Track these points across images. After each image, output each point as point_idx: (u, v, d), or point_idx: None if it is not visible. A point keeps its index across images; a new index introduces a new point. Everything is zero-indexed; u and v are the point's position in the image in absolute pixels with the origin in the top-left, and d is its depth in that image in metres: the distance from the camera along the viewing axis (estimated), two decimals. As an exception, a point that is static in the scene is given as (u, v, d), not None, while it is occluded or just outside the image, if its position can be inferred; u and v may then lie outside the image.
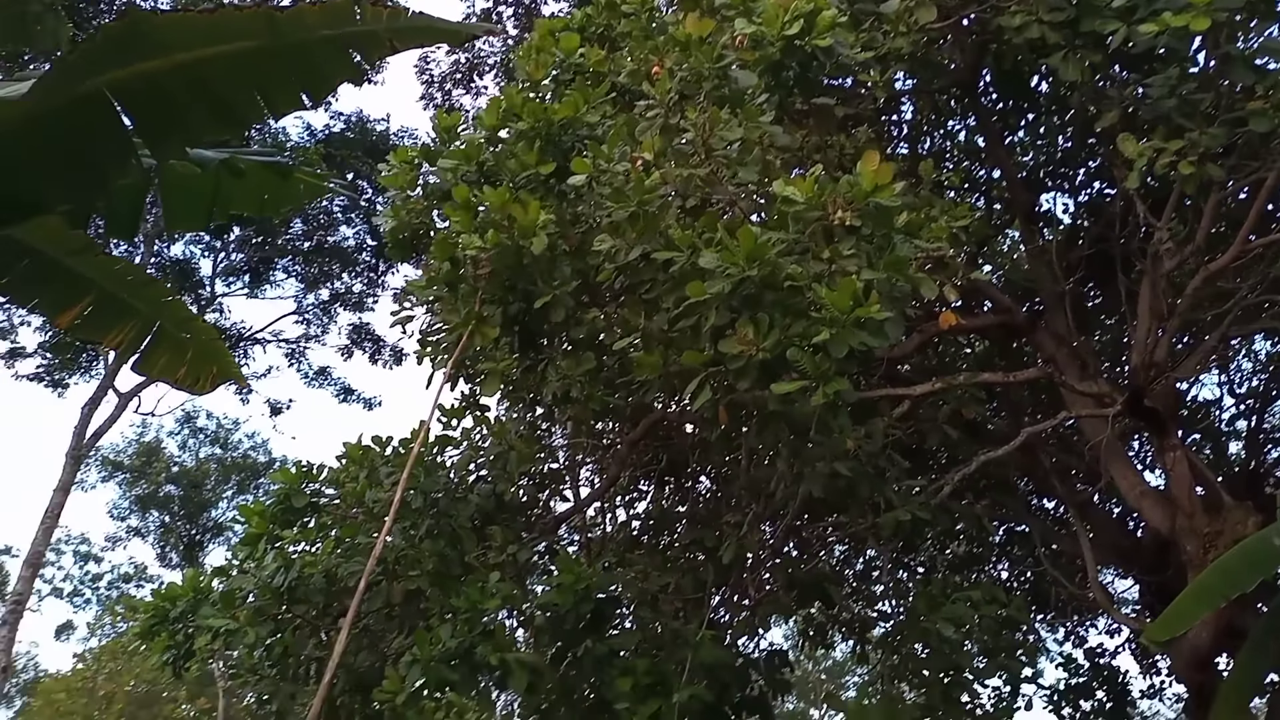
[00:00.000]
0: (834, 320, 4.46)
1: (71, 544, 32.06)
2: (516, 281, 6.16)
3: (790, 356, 4.65)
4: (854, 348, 4.50)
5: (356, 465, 7.44)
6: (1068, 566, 10.46)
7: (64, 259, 4.16)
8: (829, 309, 4.45)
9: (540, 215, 5.79)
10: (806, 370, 4.62)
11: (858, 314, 4.43)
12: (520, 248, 5.85)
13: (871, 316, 4.43)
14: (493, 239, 5.81)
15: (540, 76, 7.01)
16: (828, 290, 4.51)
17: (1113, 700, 12.87)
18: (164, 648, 7.30)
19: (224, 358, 5.34)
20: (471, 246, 5.90)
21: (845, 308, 4.42)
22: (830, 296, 4.45)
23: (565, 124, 6.39)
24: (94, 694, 26.03)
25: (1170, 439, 7.41)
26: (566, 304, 6.21)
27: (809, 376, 4.62)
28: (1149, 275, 7.38)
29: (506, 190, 6.01)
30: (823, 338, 4.51)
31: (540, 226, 5.77)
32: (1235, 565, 5.37)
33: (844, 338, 4.48)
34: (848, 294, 4.41)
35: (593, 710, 7.00)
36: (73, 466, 19.21)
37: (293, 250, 22.79)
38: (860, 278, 4.56)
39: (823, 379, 4.60)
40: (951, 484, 7.17)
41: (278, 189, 4.93)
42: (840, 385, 4.63)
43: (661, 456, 9.33)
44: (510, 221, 5.83)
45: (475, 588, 6.58)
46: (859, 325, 4.48)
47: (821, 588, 8.15)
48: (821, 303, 4.52)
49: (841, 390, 4.63)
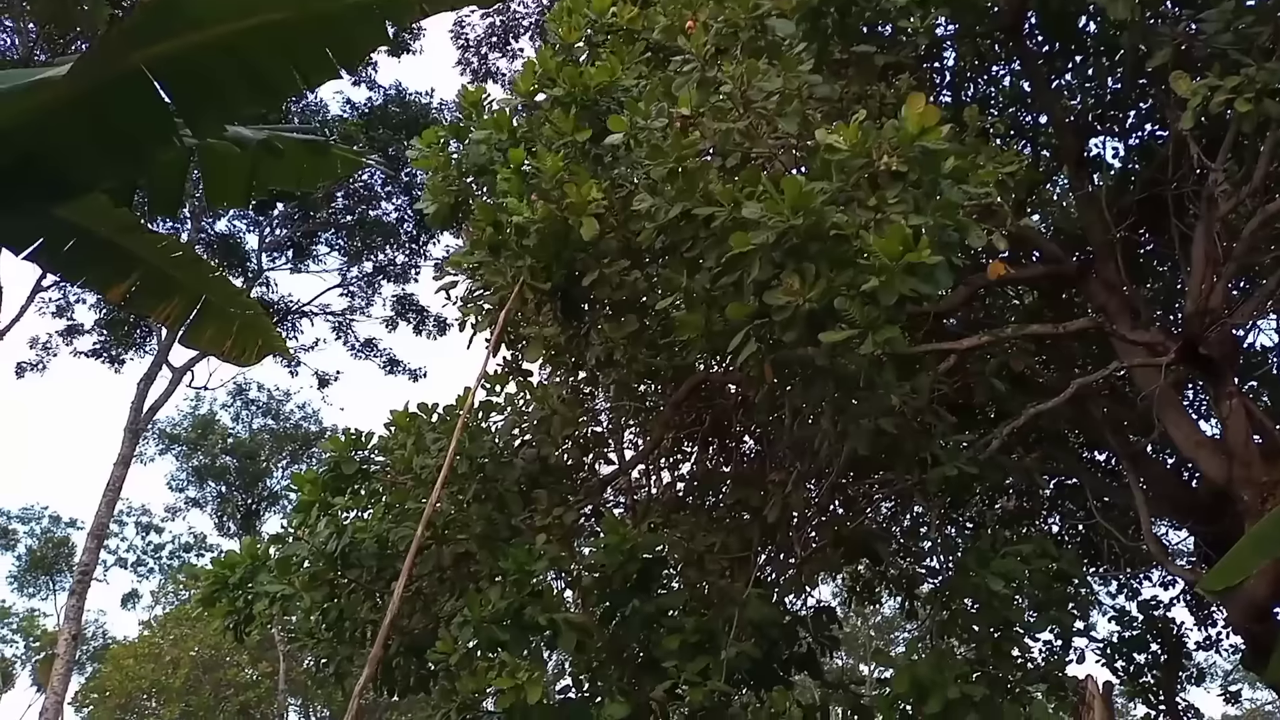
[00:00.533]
0: (883, 267, 4.33)
1: (133, 516, 33.18)
2: (562, 253, 6.13)
3: (838, 306, 4.54)
4: (904, 295, 4.37)
5: (404, 432, 7.53)
6: (1120, 519, 10.30)
7: (112, 236, 4.25)
8: (877, 256, 4.33)
9: (593, 193, 5.73)
10: (855, 319, 4.51)
11: (908, 259, 4.29)
12: (570, 223, 5.82)
13: (922, 262, 4.29)
14: (543, 211, 5.78)
15: (573, 39, 6.93)
16: (876, 237, 4.39)
17: (1167, 652, 12.73)
18: (225, 613, 7.51)
19: (268, 331, 5.44)
20: (520, 213, 5.87)
21: (894, 254, 4.28)
22: (879, 243, 4.32)
23: (601, 89, 6.32)
24: (160, 659, 26.92)
25: (1226, 387, 7.22)
26: (612, 281, 6.19)
27: (857, 326, 4.52)
28: (1203, 219, 7.15)
29: (560, 159, 5.96)
30: (871, 286, 4.39)
31: (591, 205, 5.73)
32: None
33: (893, 284, 4.35)
34: (897, 240, 4.28)
35: (641, 668, 7.08)
36: (131, 440, 19.75)
37: (336, 224, 23.01)
38: (908, 223, 4.44)
39: (872, 328, 4.49)
40: (1000, 438, 7.06)
41: (315, 165, 4.99)
42: (890, 333, 4.51)
43: (705, 417, 9.32)
44: (561, 194, 5.79)
45: (523, 550, 6.66)
46: (909, 271, 4.34)
47: (868, 545, 8.13)
48: (869, 250, 4.40)
49: (892, 338, 4.51)
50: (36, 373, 22.46)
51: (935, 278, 4.40)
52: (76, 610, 18.15)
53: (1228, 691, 18.26)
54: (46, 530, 35.00)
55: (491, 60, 18.42)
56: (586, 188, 5.71)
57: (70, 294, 22.09)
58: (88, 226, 4.13)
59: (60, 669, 17.44)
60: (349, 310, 24.73)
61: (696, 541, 7.82)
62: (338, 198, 22.07)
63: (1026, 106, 9.61)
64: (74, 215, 4.06)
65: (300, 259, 23.82)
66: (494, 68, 18.50)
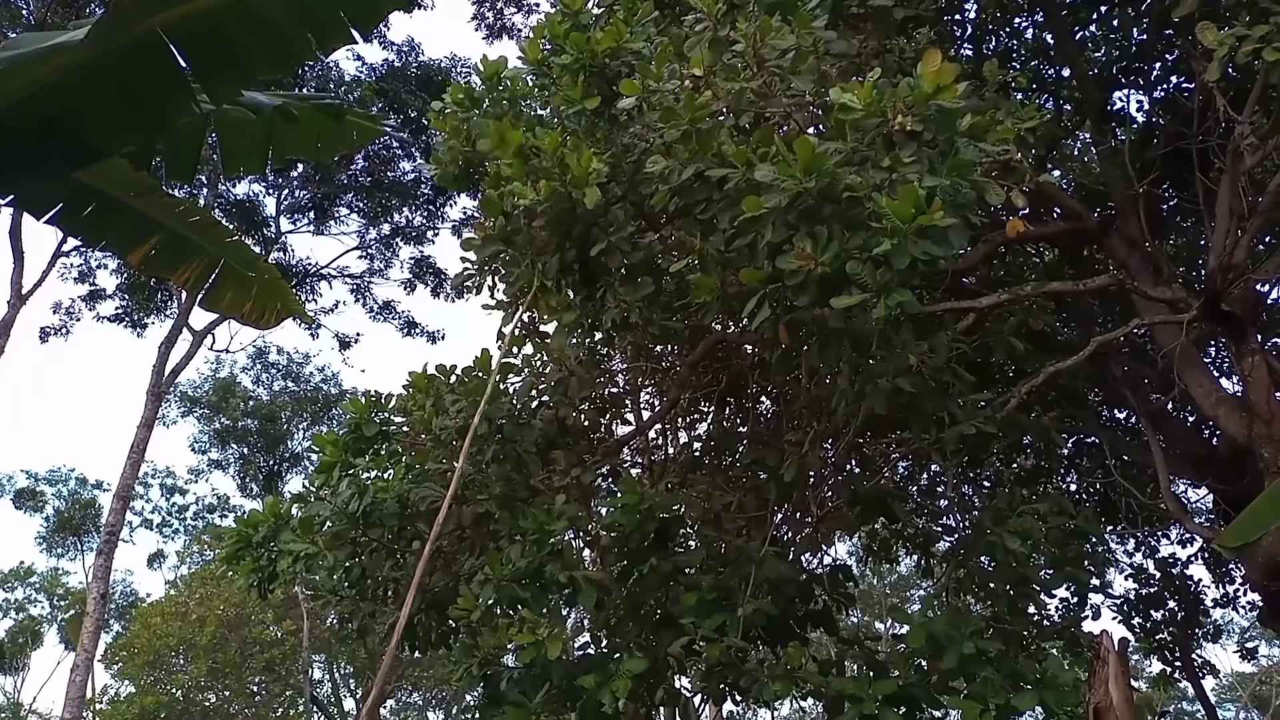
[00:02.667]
0: (895, 230, 4.30)
1: (158, 478, 33.65)
2: (572, 228, 6.12)
3: (850, 270, 4.51)
4: (916, 258, 4.34)
5: (422, 394, 7.59)
6: (1138, 477, 10.29)
7: (132, 200, 4.27)
8: (890, 219, 4.30)
9: (593, 164, 5.70)
10: (867, 283, 4.49)
11: (920, 222, 4.26)
12: (574, 197, 5.79)
13: (935, 224, 4.25)
14: (546, 189, 5.76)
15: (578, 5, 6.80)
16: (889, 199, 4.36)
17: (1184, 610, 12.78)
18: (249, 571, 7.63)
19: (286, 294, 5.48)
20: (525, 196, 5.86)
21: (907, 216, 4.25)
22: (891, 205, 4.29)
23: (610, 53, 6.25)
24: (187, 618, 27.47)
25: (1249, 343, 7.16)
26: (623, 248, 6.18)
27: (870, 290, 4.49)
28: (1228, 173, 7.04)
29: (558, 135, 5.93)
30: (884, 249, 4.35)
31: (592, 175, 5.70)
32: (1316, 471, 5.22)
33: (906, 248, 4.31)
34: (909, 202, 4.24)
35: (659, 624, 7.18)
36: (154, 403, 19.97)
37: (354, 186, 22.98)
38: (922, 185, 4.38)
39: (884, 291, 4.46)
40: (1018, 397, 7.04)
41: (331, 132, 4.98)
42: (903, 297, 4.48)
43: (721, 378, 9.33)
44: (563, 169, 5.77)
45: (542, 510, 6.73)
46: (921, 234, 4.30)
47: (885, 503, 8.15)
48: (882, 213, 4.37)
49: (904, 302, 4.49)
50: (60, 337, 22.69)
51: (948, 240, 4.36)
52: (104, 570, 18.50)
53: (1244, 648, 18.33)
54: (74, 492, 35.60)
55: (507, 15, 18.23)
56: (586, 158, 5.68)
57: (92, 259, 22.25)
58: (107, 190, 4.16)
59: (89, 627, 17.82)
60: (367, 273, 24.81)
61: (713, 501, 7.89)
62: (356, 159, 22.00)
63: (1049, 59, 9.46)
64: (94, 179, 4.08)
65: (320, 221, 23.85)
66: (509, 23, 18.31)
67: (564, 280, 6.53)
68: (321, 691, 30.70)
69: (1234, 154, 6.92)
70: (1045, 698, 5.57)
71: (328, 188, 22.78)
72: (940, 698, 6.04)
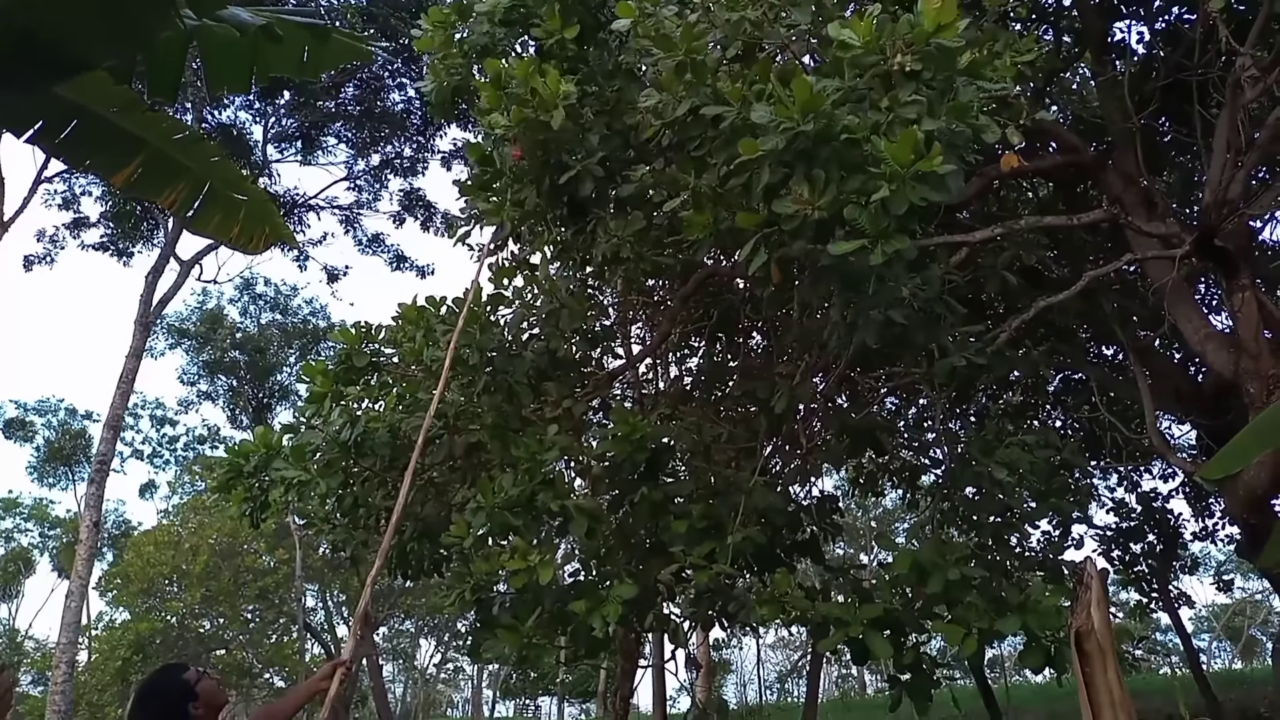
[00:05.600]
0: (893, 175, 4.24)
1: (148, 409, 33.66)
2: (547, 155, 6.04)
3: (847, 215, 4.46)
4: (914, 204, 4.29)
5: (413, 325, 7.55)
6: (1124, 413, 10.40)
7: (112, 116, 4.17)
8: (888, 163, 4.24)
9: (561, 87, 5.59)
10: (864, 228, 4.45)
11: (919, 168, 4.20)
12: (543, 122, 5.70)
13: (933, 170, 4.19)
14: (516, 115, 5.66)
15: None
16: (887, 143, 4.29)
17: (1164, 543, 13.05)
18: (241, 499, 7.67)
19: (274, 219, 5.40)
20: (498, 125, 5.77)
21: (906, 161, 4.18)
22: (890, 149, 4.21)
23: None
24: (180, 547, 27.74)
25: (1240, 279, 7.17)
26: (595, 174, 6.10)
27: (867, 235, 4.46)
28: (1228, 106, 6.97)
29: (530, 61, 5.82)
30: (882, 194, 4.32)
31: (561, 99, 5.60)
32: (1301, 405, 5.26)
33: (904, 193, 4.25)
34: (908, 146, 4.16)
35: (649, 552, 7.27)
36: (142, 334, 19.87)
37: (343, 115, 22.54)
38: (921, 128, 4.33)
39: (881, 237, 4.42)
40: (1009, 331, 7.06)
41: (316, 51, 4.87)
42: (900, 244, 4.42)
43: (713, 312, 9.32)
44: (533, 94, 5.66)
45: (534, 439, 6.75)
46: (919, 179, 4.25)
47: (873, 435, 8.21)
48: (880, 156, 4.31)
49: (901, 249, 4.45)
50: (45, 266, 22.43)
51: (946, 185, 4.29)
52: (96, 499, 18.59)
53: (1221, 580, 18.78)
54: (63, 422, 35.63)
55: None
56: (553, 79, 5.58)
57: (76, 185, 21.88)
58: (89, 106, 4.06)
59: (83, 554, 17.98)
60: (356, 205, 24.51)
61: (704, 432, 7.92)
62: (346, 87, 21.53)
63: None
64: (74, 94, 3.98)
65: (308, 151, 23.45)
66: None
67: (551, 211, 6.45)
68: (315, 619, 31.21)
69: (1234, 87, 6.84)
70: (1028, 622, 5.69)
71: (315, 116, 22.34)
72: (924, 622, 6.16)
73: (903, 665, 5.99)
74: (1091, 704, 4.24)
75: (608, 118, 6.35)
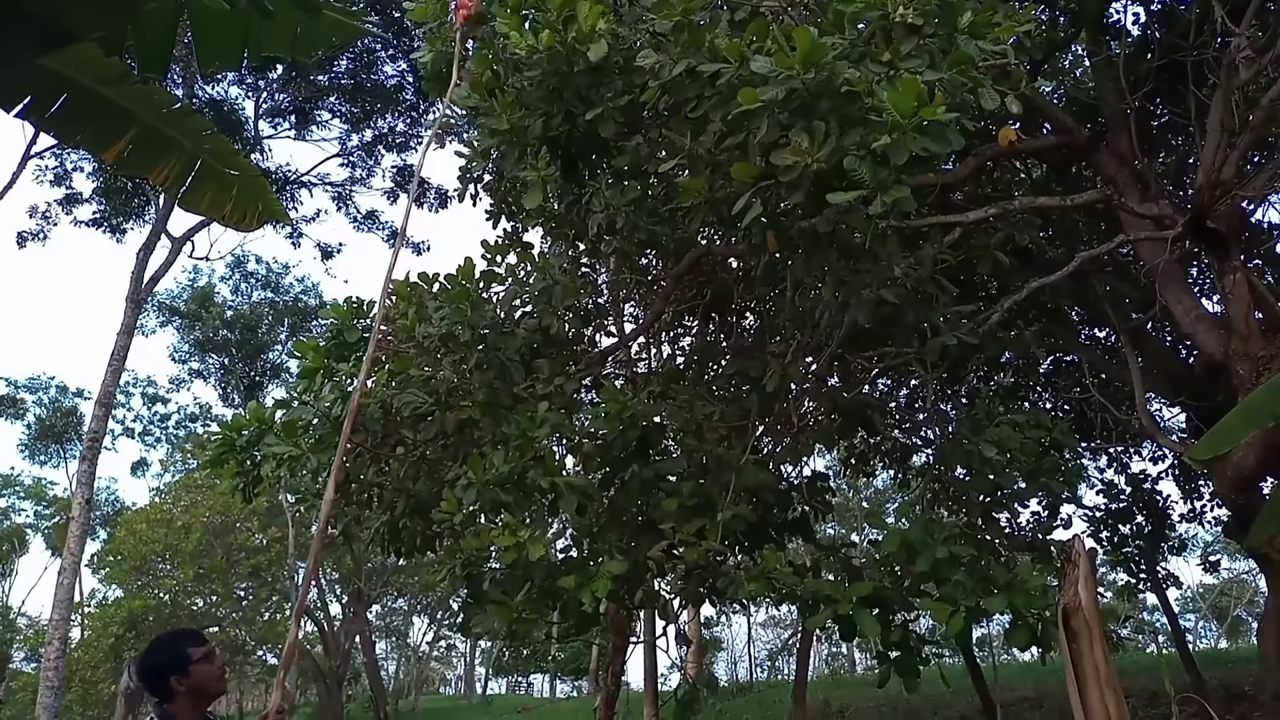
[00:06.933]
0: (895, 125, 4.19)
1: (139, 386, 33.59)
2: (564, 91, 5.88)
3: (847, 166, 4.40)
4: (916, 154, 4.23)
5: (405, 302, 7.53)
6: (1114, 395, 10.45)
7: (102, 89, 4.13)
8: (890, 113, 4.19)
9: (599, 21, 5.46)
10: (865, 180, 4.40)
11: (922, 116, 4.13)
12: (571, 55, 5.55)
13: (936, 119, 4.14)
14: (547, 40, 5.51)
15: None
16: (890, 91, 4.25)
17: (1152, 524, 13.13)
18: (233, 475, 7.67)
19: (268, 194, 5.36)
20: (521, 46, 5.61)
21: (908, 110, 4.13)
22: (892, 97, 4.15)
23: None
24: (172, 524, 27.74)
25: (1231, 260, 7.20)
26: (615, 119, 5.94)
27: (866, 187, 4.41)
28: (1222, 87, 6.97)
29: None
30: (883, 143, 4.26)
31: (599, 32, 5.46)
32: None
33: (905, 143, 4.19)
34: (911, 95, 4.11)
35: (640, 530, 7.30)
36: (133, 311, 19.76)
37: (336, 89, 22.34)
38: (923, 79, 4.28)
39: (882, 188, 4.36)
40: (1001, 311, 7.08)
41: (308, 28, 4.82)
42: (901, 194, 4.35)
43: (706, 291, 9.31)
44: (566, 24, 5.53)
45: (525, 416, 6.76)
46: (920, 130, 4.20)
47: (864, 415, 8.23)
48: (882, 106, 4.26)
49: (901, 199, 4.39)
50: (37, 242, 22.27)
51: (947, 136, 4.25)
52: (88, 476, 18.56)
53: (1207, 561, 18.93)
54: (54, 400, 35.53)
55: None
56: (593, 12, 5.44)
57: (67, 161, 21.70)
58: (78, 79, 4.01)
59: (75, 532, 17.97)
60: (350, 181, 24.36)
61: (695, 411, 7.93)
62: (339, 61, 21.32)
63: (1047, -33, 9.22)
64: (63, 66, 3.93)
65: (301, 126, 23.26)
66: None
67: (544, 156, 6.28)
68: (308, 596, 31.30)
69: (1228, 68, 6.84)
70: (1014, 601, 5.73)
71: (308, 90, 22.15)
72: (912, 600, 6.21)
73: (890, 643, 6.04)
74: (1077, 679, 4.29)
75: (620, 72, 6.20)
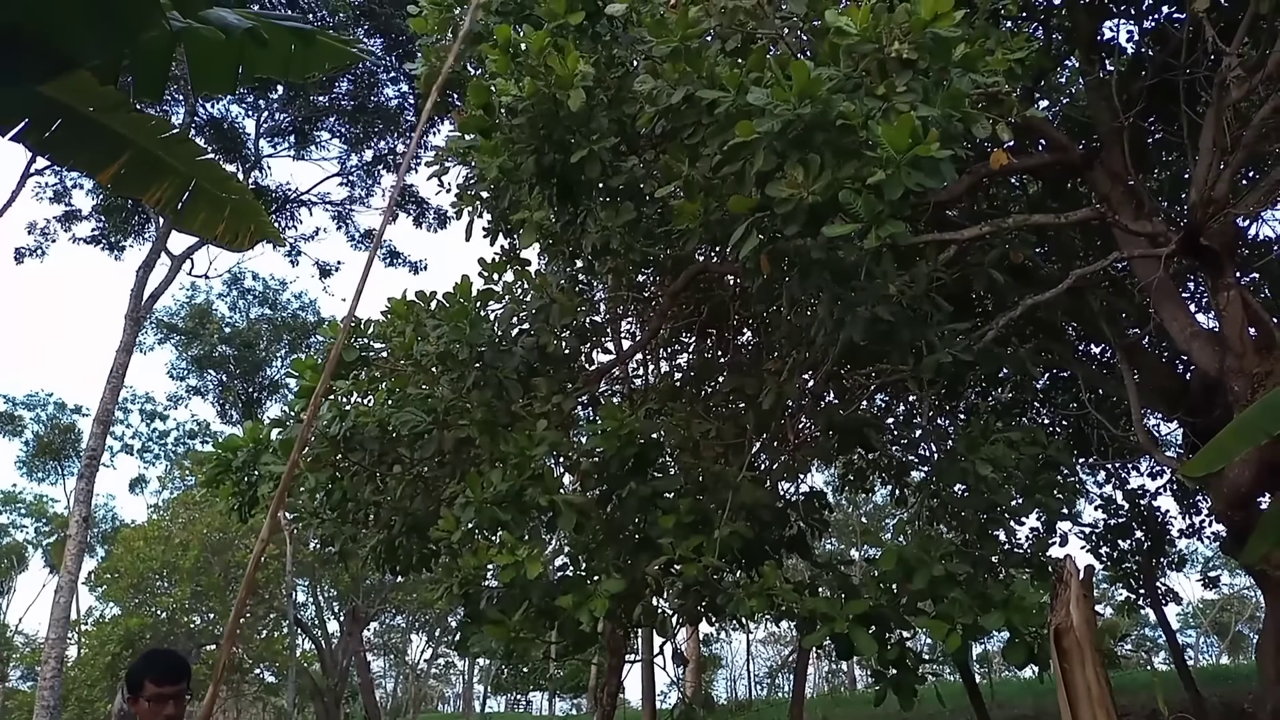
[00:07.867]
0: (889, 160, 4.24)
1: (138, 403, 33.56)
2: (552, 132, 6.01)
3: (842, 199, 4.45)
4: (909, 189, 4.29)
5: (403, 320, 7.56)
6: (1111, 411, 10.46)
7: (99, 116, 4.16)
8: (884, 148, 4.24)
9: (579, 65, 5.57)
10: (859, 213, 4.45)
11: (916, 152, 4.20)
12: (557, 99, 5.68)
13: (930, 155, 4.20)
14: (529, 88, 5.64)
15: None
16: (885, 127, 4.29)
17: (1151, 539, 13.12)
18: (229, 495, 7.67)
19: (260, 215, 5.39)
20: (507, 93, 5.74)
21: (902, 146, 4.18)
22: (887, 133, 4.21)
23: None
24: (170, 542, 27.65)
25: (1225, 277, 7.22)
26: (603, 158, 6.06)
27: (861, 220, 4.46)
28: (1214, 105, 7.01)
29: (546, 34, 5.79)
30: (877, 179, 4.31)
31: (578, 79, 5.57)
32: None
33: (899, 178, 4.24)
34: (905, 131, 4.17)
35: (638, 547, 7.29)
36: (132, 328, 19.78)
37: (336, 110, 22.45)
38: (916, 114, 4.33)
39: (876, 222, 4.42)
40: (997, 328, 7.09)
41: (303, 54, 4.85)
42: (895, 229, 4.41)
43: (702, 308, 9.34)
44: (547, 70, 5.64)
45: (523, 434, 6.77)
46: (914, 165, 4.25)
47: (861, 432, 8.25)
48: (876, 141, 4.31)
49: (896, 234, 4.45)
50: (36, 259, 22.32)
51: (940, 171, 4.30)
52: (86, 494, 18.53)
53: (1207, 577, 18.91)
54: (52, 417, 35.50)
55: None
56: (572, 60, 5.56)
57: (67, 179, 21.78)
58: (74, 105, 4.04)
59: (72, 549, 17.92)
60: (349, 200, 24.45)
61: (692, 428, 7.94)
62: (340, 82, 21.44)
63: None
64: (59, 93, 3.97)
65: (300, 146, 23.37)
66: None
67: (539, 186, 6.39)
68: (305, 614, 31.16)
69: (1220, 86, 6.89)
70: (1011, 619, 5.73)
71: (308, 110, 22.26)
72: (909, 618, 6.20)
73: (887, 661, 6.03)
74: (1070, 701, 4.28)
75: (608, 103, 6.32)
